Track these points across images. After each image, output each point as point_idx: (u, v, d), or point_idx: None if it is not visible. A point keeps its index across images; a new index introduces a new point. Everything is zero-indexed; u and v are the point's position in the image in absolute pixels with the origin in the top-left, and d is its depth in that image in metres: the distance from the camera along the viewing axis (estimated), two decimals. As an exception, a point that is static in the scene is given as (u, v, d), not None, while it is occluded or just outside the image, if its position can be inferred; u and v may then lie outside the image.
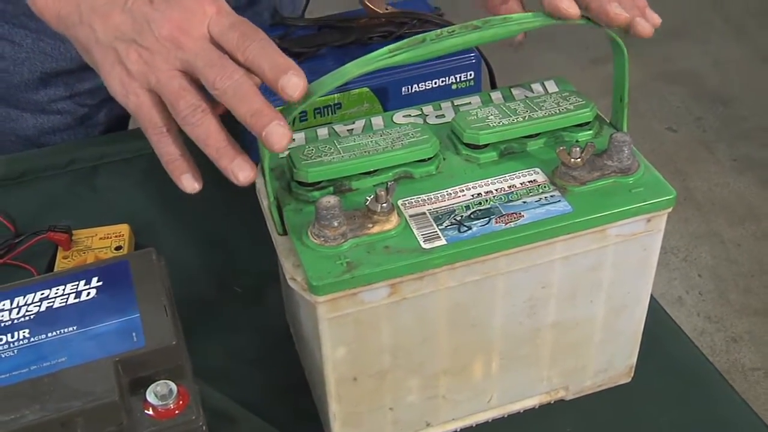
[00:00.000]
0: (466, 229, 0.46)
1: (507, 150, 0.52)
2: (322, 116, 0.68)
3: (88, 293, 0.48)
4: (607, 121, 0.55)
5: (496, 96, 0.56)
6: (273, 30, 0.75)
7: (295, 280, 0.46)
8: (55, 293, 0.48)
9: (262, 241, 0.62)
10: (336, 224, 0.45)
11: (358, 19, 0.74)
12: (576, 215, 0.47)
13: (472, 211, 0.48)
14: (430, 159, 0.50)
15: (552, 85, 0.57)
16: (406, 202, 0.48)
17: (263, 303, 0.65)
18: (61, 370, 0.43)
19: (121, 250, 0.68)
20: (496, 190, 0.49)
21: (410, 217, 0.47)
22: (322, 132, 0.54)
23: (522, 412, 0.57)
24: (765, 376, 1.42)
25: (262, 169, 0.48)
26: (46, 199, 0.76)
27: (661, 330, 0.62)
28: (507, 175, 0.50)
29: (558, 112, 0.52)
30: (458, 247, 0.46)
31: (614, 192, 0.49)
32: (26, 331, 0.46)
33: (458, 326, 0.49)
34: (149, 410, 0.43)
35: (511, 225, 0.47)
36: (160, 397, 0.43)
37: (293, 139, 0.50)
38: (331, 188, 0.49)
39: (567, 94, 0.54)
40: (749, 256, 1.64)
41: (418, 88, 0.70)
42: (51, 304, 0.47)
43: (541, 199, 0.48)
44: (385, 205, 0.46)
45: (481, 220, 0.47)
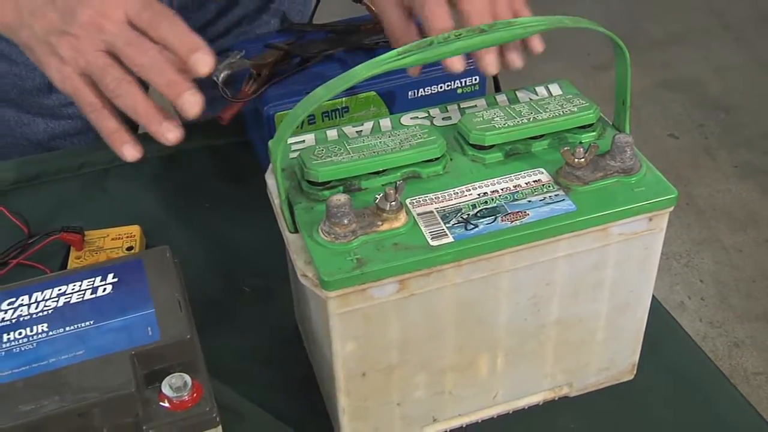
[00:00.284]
0: (472, 227, 0.48)
1: (512, 151, 0.53)
2: (330, 119, 0.70)
3: (104, 289, 0.49)
4: (610, 123, 0.56)
5: (502, 99, 0.58)
6: (282, 35, 0.77)
7: (307, 276, 0.47)
8: (72, 289, 0.49)
9: (270, 242, 0.64)
10: (346, 222, 0.47)
11: (365, 24, 0.76)
12: (579, 214, 0.48)
13: (479, 209, 0.49)
14: (437, 159, 0.52)
15: (556, 88, 0.58)
16: (414, 201, 0.50)
17: (272, 303, 0.66)
18: (79, 363, 0.45)
19: (133, 251, 0.69)
20: (502, 190, 0.50)
21: (418, 215, 0.49)
22: (332, 133, 0.55)
23: (527, 408, 0.58)
24: (767, 381, 1.43)
25: (274, 169, 0.49)
26: (59, 202, 0.78)
27: (663, 329, 0.63)
28: (512, 175, 0.51)
29: (562, 114, 0.54)
30: (465, 245, 0.47)
31: (617, 191, 0.50)
32: (45, 325, 0.47)
33: (464, 322, 0.51)
34: (164, 402, 0.45)
35: (517, 223, 0.48)
36: (175, 389, 0.44)
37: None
38: (341, 187, 0.51)
39: (570, 96, 0.56)
40: (751, 261, 1.65)
41: (424, 92, 0.72)
42: (68, 299, 0.49)
43: (545, 198, 0.49)
44: (393, 204, 0.47)
45: (487, 219, 0.48)
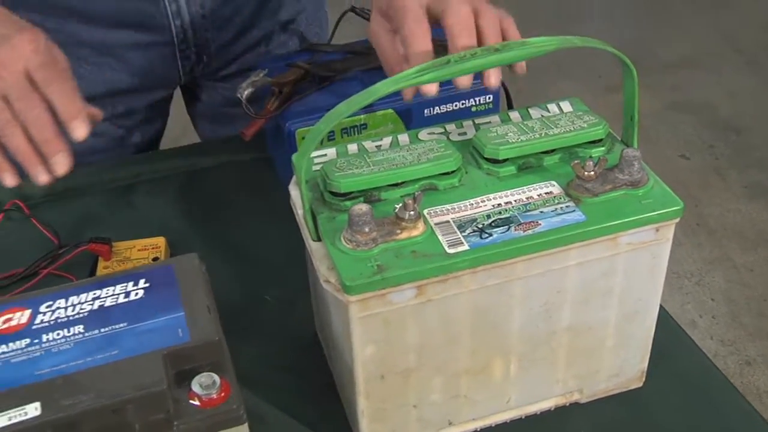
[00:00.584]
0: (487, 235, 0.50)
1: (525, 164, 0.55)
2: (348, 135, 0.73)
3: (137, 294, 0.52)
4: (619, 139, 0.58)
5: (515, 115, 0.60)
6: (303, 55, 0.80)
7: (329, 281, 0.49)
8: (106, 293, 0.52)
9: (291, 254, 0.67)
10: (367, 230, 0.49)
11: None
12: (589, 224, 0.51)
13: (493, 219, 0.51)
14: (453, 172, 0.54)
15: (567, 105, 0.60)
16: (432, 212, 0.52)
17: (293, 312, 0.69)
18: (114, 362, 0.47)
19: (158, 261, 0.72)
20: (515, 201, 0.53)
21: (435, 224, 0.51)
22: (352, 147, 0.58)
23: (539, 413, 0.60)
24: (779, 399, 1.44)
25: (298, 180, 0.52)
26: (87, 214, 0.81)
27: (672, 339, 0.65)
28: (525, 188, 0.54)
29: (572, 129, 0.56)
30: (480, 252, 0.49)
31: (625, 203, 0.52)
32: (81, 326, 0.50)
33: (479, 328, 0.53)
34: (194, 400, 0.47)
35: (529, 232, 0.50)
36: (205, 388, 0.47)
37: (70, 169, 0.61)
38: (362, 198, 0.53)
39: (581, 113, 0.58)
40: (762, 280, 1.67)
41: (440, 110, 0.74)
42: (103, 303, 0.51)
43: (556, 209, 0.52)
44: (412, 213, 0.50)
45: (501, 228, 0.51)
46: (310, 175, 0.56)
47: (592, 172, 0.52)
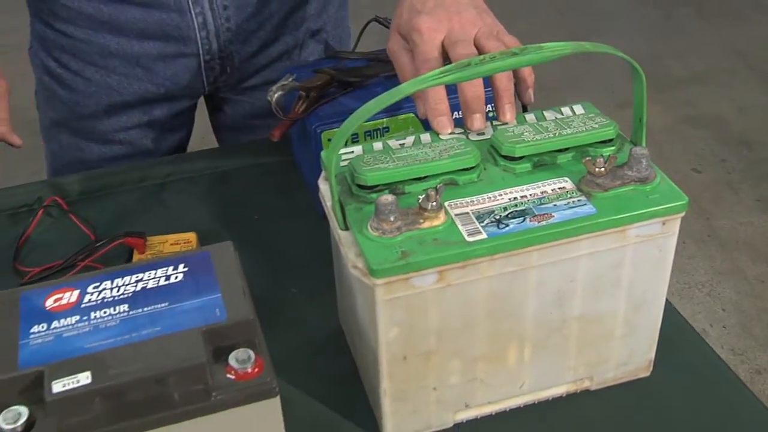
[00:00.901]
0: (504, 226, 0.54)
1: (539, 162, 0.59)
2: (371, 138, 0.76)
3: (176, 277, 0.56)
4: (628, 139, 0.62)
5: (530, 117, 0.64)
6: (329, 62, 0.84)
7: (357, 267, 0.53)
8: (149, 276, 0.56)
9: (315, 251, 0.71)
10: (392, 219, 0.53)
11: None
12: (599, 216, 0.54)
13: (509, 211, 0.55)
14: (472, 168, 0.58)
15: (579, 108, 0.64)
16: (452, 204, 0.56)
17: (317, 304, 0.72)
18: (157, 338, 0.51)
19: (196, 249, 0.75)
20: (530, 195, 0.56)
21: (455, 215, 0.55)
22: (377, 145, 0.62)
23: (551, 399, 0.63)
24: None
25: (328, 175, 0.56)
26: (121, 212, 0.85)
27: (679, 332, 0.69)
28: (539, 183, 0.57)
29: (584, 130, 0.60)
30: (497, 241, 0.53)
31: (633, 198, 0.56)
32: (126, 306, 0.53)
33: (495, 313, 0.56)
34: (230, 374, 0.50)
35: (543, 223, 0.54)
36: (240, 362, 0.50)
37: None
38: (387, 191, 0.57)
39: (593, 115, 0.62)
40: (773, 292, 1.69)
41: (458, 115, 0.78)
42: (145, 285, 0.55)
43: (569, 202, 0.55)
44: (434, 204, 0.54)
45: (517, 219, 0.54)
46: (338, 170, 0.59)
47: (603, 169, 0.56)
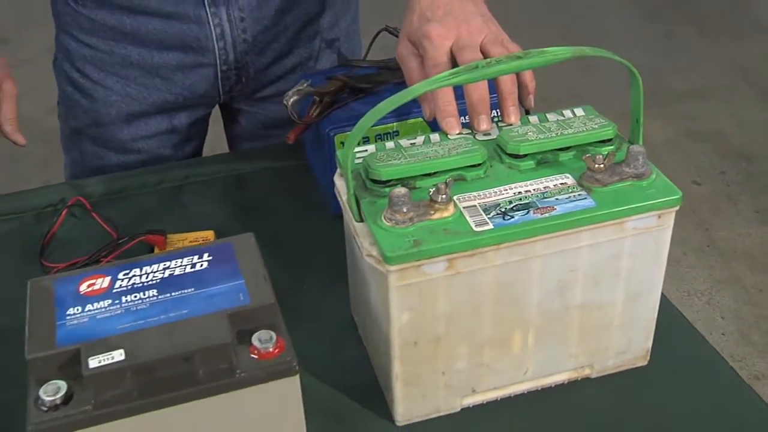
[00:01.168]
0: (509, 217, 0.57)
1: (543, 160, 0.63)
2: (382, 141, 0.80)
3: (201, 265, 0.59)
4: (626, 139, 0.66)
5: (533, 119, 0.68)
6: (341, 69, 0.88)
7: (372, 255, 0.57)
8: (175, 264, 0.59)
9: (326, 249, 0.74)
10: (405, 210, 0.57)
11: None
12: (599, 209, 0.58)
13: (514, 204, 0.59)
14: (479, 165, 0.62)
15: (580, 111, 0.68)
16: (461, 197, 0.60)
17: (330, 297, 0.76)
18: (184, 320, 0.55)
19: (219, 240, 0.79)
20: (534, 190, 0.60)
21: (464, 207, 0.58)
22: (389, 144, 0.65)
23: (553, 386, 0.66)
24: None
25: (344, 170, 0.60)
26: (141, 212, 0.89)
27: (675, 325, 0.72)
28: (542, 179, 0.61)
29: (585, 130, 0.64)
30: (503, 231, 0.56)
31: (631, 192, 0.59)
32: (155, 291, 0.57)
33: (501, 301, 0.60)
34: (254, 353, 0.54)
35: (546, 215, 0.57)
36: (263, 342, 0.54)
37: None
38: (399, 185, 0.60)
39: (592, 117, 0.66)
40: (771, 301, 1.72)
41: (465, 120, 0.82)
42: (172, 272, 0.59)
43: (570, 196, 0.59)
44: (444, 197, 0.57)
45: (522, 211, 0.58)
46: (353, 166, 0.63)
47: (602, 165, 0.60)
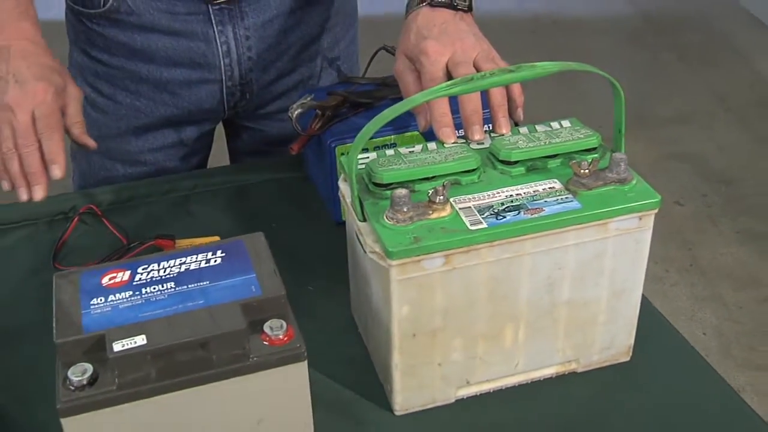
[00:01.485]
0: (501, 217, 0.62)
1: (532, 166, 0.68)
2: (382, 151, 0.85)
3: (215, 260, 0.63)
4: (609, 148, 0.71)
5: (523, 130, 0.73)
6: (342, 85, 0.93)
7: (375, 251, 0.61)
8: (191, 260, 0.63)
9: (328, 254, 0.78)
10: (406, 210, 0.61)
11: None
12: (584, 210, 0.63)
13: (506, 206, 0.63)
14: (474, 170, 0.67)
15: (566, 122, 0.73)
16: (456, 200, 0.64)
17: (332, 299, 0.80)
18: (201, 309, 0.59)
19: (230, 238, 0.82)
20: (524, 193, 0.65)
21: (460, 208, 0.63)
22: (390, 152, 0.70)
23: (542, 379, 0.71)
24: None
25: (348, 174, 0.64)
26: (149, 220, 0.93)
27: (655, 324, 0.77)
28: (532, 183, 0.66)
29: (571, 139, 0.69)
30: (496, 229, 0.61)
31: (614, 196, 0.64)
32: (172, 283, 0.61)
33: (494, 296, 0.64)
34: (265, 340, 0.58)
35: (535, 216, 0.62)
36: (274, 330, 0.58)
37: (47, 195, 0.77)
38: (400, 188, 0.65)
39: (578, 128, 0.71)
40: (751, 318, 1.78)
41: (460, 134, 0.87)
42: (188, 267, 0.63)
43: (558, 199, 0.64)
44: (442, 198, 0.62)
45: (513, 212, 0.63)
46: (357, 171, 0.68)
47: (587, 171, 0.65)
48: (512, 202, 0.64)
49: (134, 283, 0.61)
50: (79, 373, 0.55)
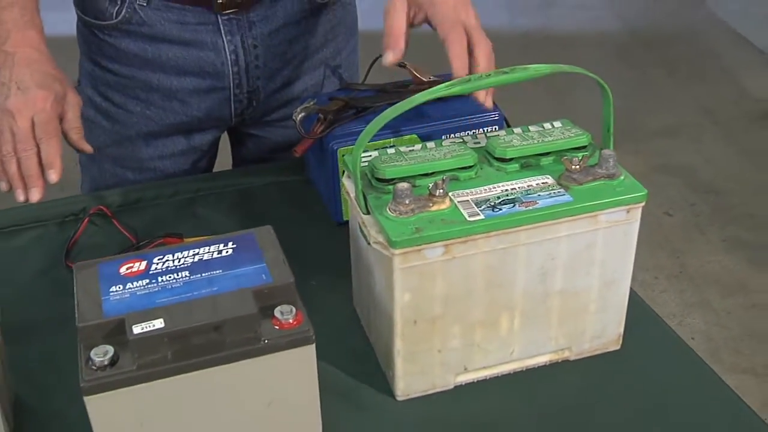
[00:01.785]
0: (498, 210, 0.66)
1: (526, 163, 0.72)
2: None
3: (227, 251, 0.67)
4: (599, 146, 0.75)
5: (517, 130, 0.77)
6: (343, 91, 0.97)
7: (379, 241, 0.65)
8: (204, 251, 0.67)
9: (331, 252, 0.82)
10: (407, 202, 0.65)
11: (406, 85, 0.96)
12: (575, 203, 0.67)
13: (502, 199, 0.67)
14: (471, 166, 0.70)
15: (558, 123, 0.77)
16: (455, 194, 0.68)
17: (335, 294, 0.84)
18: (215, 295, 0.62)
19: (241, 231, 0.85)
20: (519, 187, 0.69)
21: (458, 201, 0.67)
22: (391, 150, 0.74)
23: (537, 366, 0.74)
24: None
25: (353, 170, 0.68)
26: (157, 221, 0.96)
27: (644, 315, 0.81)
28: (526, 179, 0.70)
29: (563, 137, 0.73)
30: (492, 221, 0.65)
31: (603, 190, 0.68)
32: (187, 272, 0.65)
33: (490, 285, 0.68)
34: (276, 324, 0.62)
35: (529, 208, 0.66)
36: (284, 314, 0.61)
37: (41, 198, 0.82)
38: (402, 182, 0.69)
39: (569, 128, 0.75)
40: (738, 323, 1.82)
41: (455, 135, 0.91)
42: (201, 257, 0.66)
43: (550, 193, 0.68)
44: (441, 191, 0.66)
45: (508, 205, 0.66)
46: (361, 168, 0.71)
47: (578, 167, 0.69)
48: (508, 196, 0.68)
49: (150, 272, 0.65)
50: (101, 354, 0.58)
